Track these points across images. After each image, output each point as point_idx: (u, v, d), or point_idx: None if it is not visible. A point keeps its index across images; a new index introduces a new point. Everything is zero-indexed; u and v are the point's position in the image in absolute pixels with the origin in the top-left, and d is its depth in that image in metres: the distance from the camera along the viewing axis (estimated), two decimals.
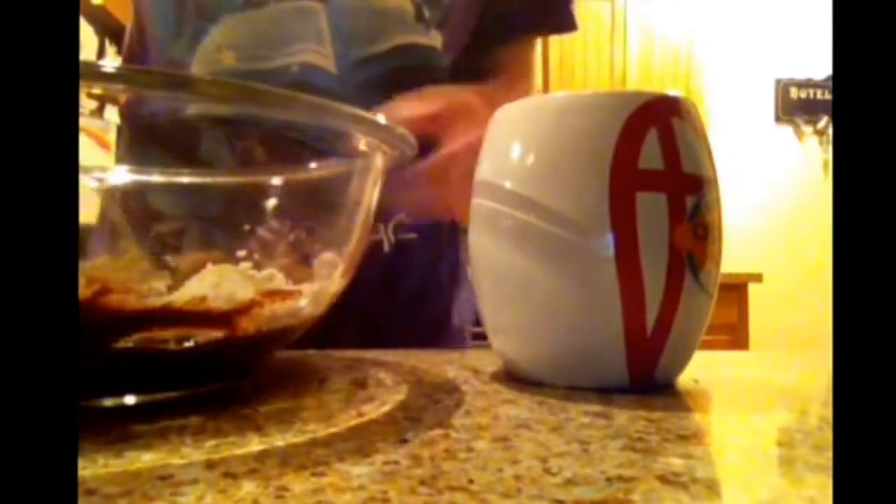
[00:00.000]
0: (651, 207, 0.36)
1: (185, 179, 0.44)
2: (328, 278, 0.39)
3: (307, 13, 0.66)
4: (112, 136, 0.42)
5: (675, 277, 0.37)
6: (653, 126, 0.37)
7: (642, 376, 0.38)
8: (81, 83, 0.25)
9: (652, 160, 0.36)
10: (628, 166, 0.36)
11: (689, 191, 0.37)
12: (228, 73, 0.65)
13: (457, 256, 0.82)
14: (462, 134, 0.57)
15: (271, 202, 0.43)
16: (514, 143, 0.39)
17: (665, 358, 0.38)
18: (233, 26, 0.66)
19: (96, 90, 0.28)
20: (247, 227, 0.41)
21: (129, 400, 0.33)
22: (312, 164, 0.42)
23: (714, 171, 0.40)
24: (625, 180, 0.36)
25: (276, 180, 0.44)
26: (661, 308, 0.36)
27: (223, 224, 0.42)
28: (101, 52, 2.62)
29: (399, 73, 0.60)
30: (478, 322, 0.86)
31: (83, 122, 0.33)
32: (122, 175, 0.44)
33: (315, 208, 0.40)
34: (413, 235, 0.73)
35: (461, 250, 0.83)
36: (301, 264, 0.39)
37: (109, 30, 2.67)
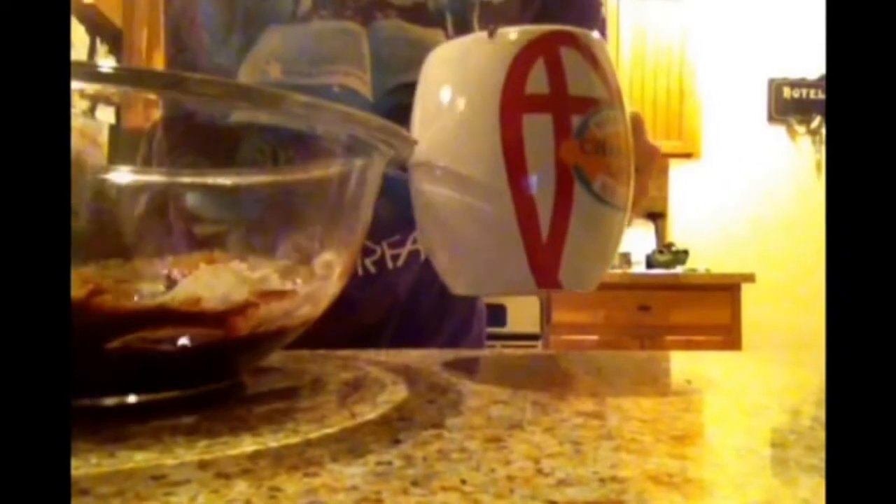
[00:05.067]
0: (537, 127, 0.40)
1: (186, 180, 0.44)
2: (326, 279, 0.39)
3: (349, 34, 0.67)
4: (104, 137, 0.42)
5: (563, 188, 0.40)
6: (540, 56, 0.41)
7: (547, 280, 0.41)
8: (74, 84, 0.25)
9: (538, 86, 0.40)
10: (516, 92, 0.40)
11: (575, 111, 0.41)
12: (275, 86, 0.65)
13: None
14: None
15: (272, 202, 0.43)
16: (427, 90, 0.45)
17: (566, 262, 0.41)
18: (280, 38, 0.66)
19: (89, 90, 0.27)
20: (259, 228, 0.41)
21: (128, 399, 0.33)
22: (310, 165, 0.42)
23: (611, 93, 0.43)
24: (512, 105, 0.40)
25: (276, 180, 0.44)
26: (553, 216, 0.40)
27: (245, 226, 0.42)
28: (92, 52, 2.62)
29: None
30: (490, 325, 0.89)
31: (75, 122, 0.33)
32: (123, 175, 0.44)
33: (314, 209, 0.40)
34: None
35: None
36: (300, 265, 0.39)
37: (101, 29, 2.67)
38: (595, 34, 0.44)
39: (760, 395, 0.40)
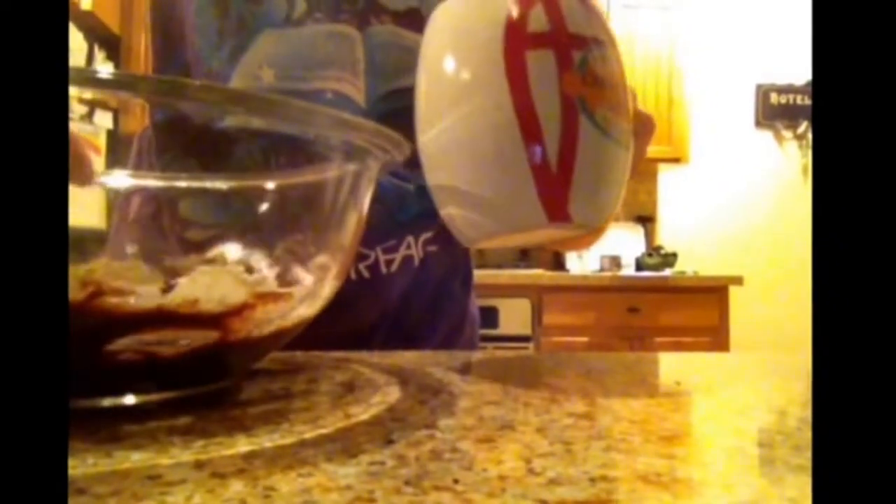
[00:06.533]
0: (540, 62, 0.41)
1: (182, 184, 0.44)
2: (321, 281, 0.39)
3: (343, 39, 0.67)
4: (102, 141, 0.42)
5: (569, 119, 0.41)
6: (538, 1, 0.42)
7: (557, 213, 0.42)
8: (72, 88, 0.25)
9: (539, 24, 0.42)
10: (518, 31, 0.42)
11: (575, 46, 0.42)
12: (268, 91, 0.65)
13: (469, 268, 0.85)
14: None
15: (266, 206, 0.43)
16: (430, 47, 0.45)
17: (575, 193, 0.42)
18: (273, 43, 0.66)
19: (87, 95, 0.28)
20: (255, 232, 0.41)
21: (125, 400, 0.33)
22: (307, 169, 0.42)
23: (607, 35, 0.44)
24: (515, 43, 0.42)
25: (271, 184, 0.44)
26: (560, 145, 0.41)
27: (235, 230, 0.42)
28: (90, 58, 2.61)
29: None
30: (481, 327, 0.89)
31: (73, 126, 0.33)
32: (121, 179, 0.44)
33: (310, 211, 0.40)
34: (435, 248, 0.75)
35: (471, 263, 0.86)
36: (295, 267, 0.39)
37: (99, 36, 2.67)
38: None
39: (748, 396, 0.41)
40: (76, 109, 0.35)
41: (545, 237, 0.49)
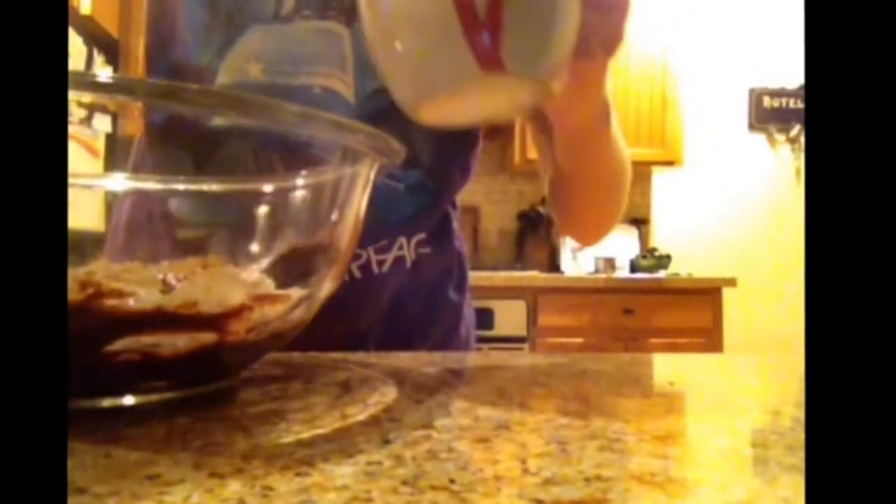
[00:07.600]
0: None
1: (179, 186, 0.44)
2: (318, 283, 0.39)
3: (331, 35, 0.67)
4: (101, 144, 0.43)
5: None
6: None
7: (488, 61, 0.39)
8: (72, 92, 0.25)
9: None
10: None
11: None
12: (254, 86, 0.65)
13: (464, 271, 0.85)
14: None
15: (264, 209, 0.43)
16: None
17: (507, 39, 0.39)
18: (260, 38, 0.66)
19: (86, 99, 0.28)
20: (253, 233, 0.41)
21: (124, 401, 0.33)
22: (304, 172, 0.43)
23: None
24: None
25: (269, 187, 0.44)
26: None
27: (238, 231, 0.42)
28: (89, 62, 2.62)
29: None
30: (477, 328, 0.89)
31: (72, 129, 0.33)
32: (119, 182, 0.44)
33: (307, 214, 0.40)
34: (428, 250, 0.75)
35: (466, 266, 0.86)
36: (292, 269, 0.39)
37: (98, 40, 2.67)
38: None
39: (742, 397, 0.41)
40: (75, 113, 0.35)
41: (497, 101, 0.45)
